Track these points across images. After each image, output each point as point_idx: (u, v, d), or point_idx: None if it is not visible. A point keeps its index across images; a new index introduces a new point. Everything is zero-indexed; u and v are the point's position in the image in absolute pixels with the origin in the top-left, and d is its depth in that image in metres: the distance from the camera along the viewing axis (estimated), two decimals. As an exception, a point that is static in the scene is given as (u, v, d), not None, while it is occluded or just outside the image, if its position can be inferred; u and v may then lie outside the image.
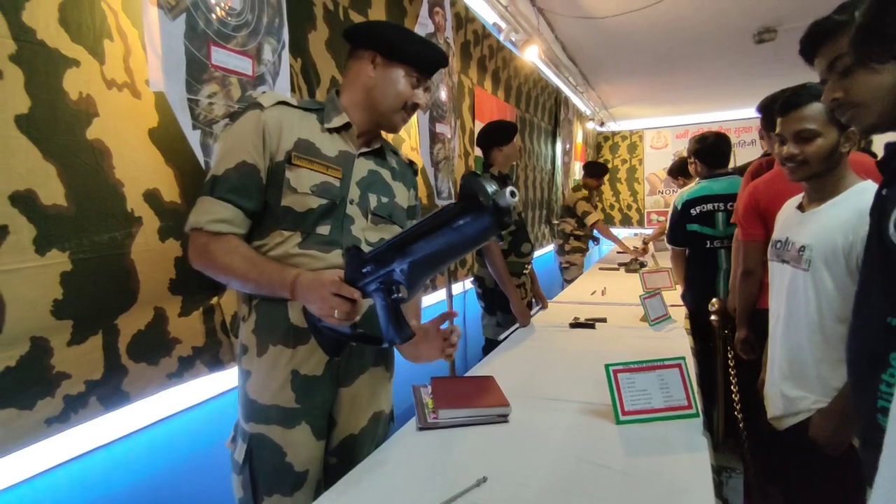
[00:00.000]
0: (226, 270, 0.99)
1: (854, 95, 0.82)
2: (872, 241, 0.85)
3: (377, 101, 1.10)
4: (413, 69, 1.10)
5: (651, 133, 8.54)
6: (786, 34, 4.05)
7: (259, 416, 1.05)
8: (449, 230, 0.79)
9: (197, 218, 1.00)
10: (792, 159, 1.26)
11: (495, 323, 2.41)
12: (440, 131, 2.64)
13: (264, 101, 1.05)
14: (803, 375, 1.24)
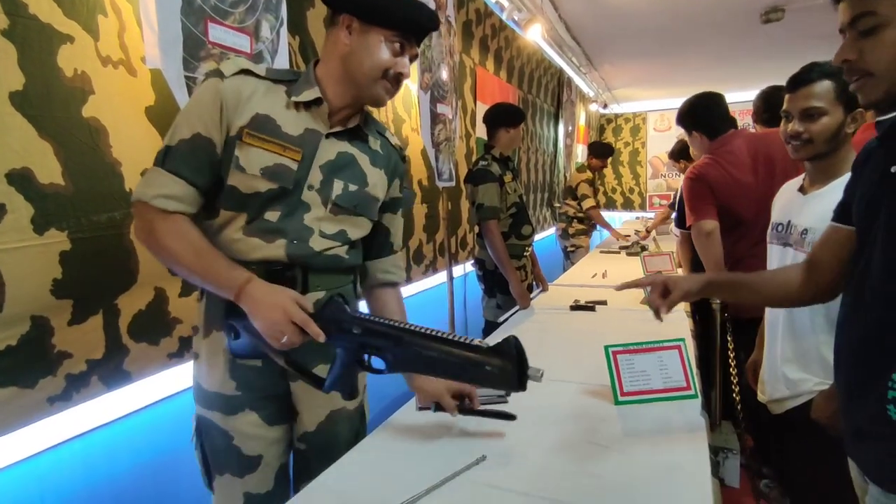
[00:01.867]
0: (170, 255, 0.91)
1: (868, 62, 0.77)
2: (872, 223, 0.83)
3: (352, 70, 0.98)
4: (394, 33, 0.97)
5: (654, 115, 8.45)
6: (793, 14, 3.98)
7: (203, 401, 1.02)
8: (469, 364, 0.82)
9: (143, 190, 0.91)
10: (797, 137, 1.24)
11: (495, 305, 2.42)
12: (441, 112, 2.61)
13: (225, 69, 0.94)
14: (806, 358, 1.24)
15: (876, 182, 0.84)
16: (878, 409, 0.79)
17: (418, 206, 2.62)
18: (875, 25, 0.75)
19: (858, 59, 0.78)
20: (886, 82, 0.77)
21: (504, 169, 2.36)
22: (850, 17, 0.78)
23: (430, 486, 0.88)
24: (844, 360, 0.89)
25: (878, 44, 0.75)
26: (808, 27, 4.31)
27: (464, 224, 3.16)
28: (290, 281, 0.98)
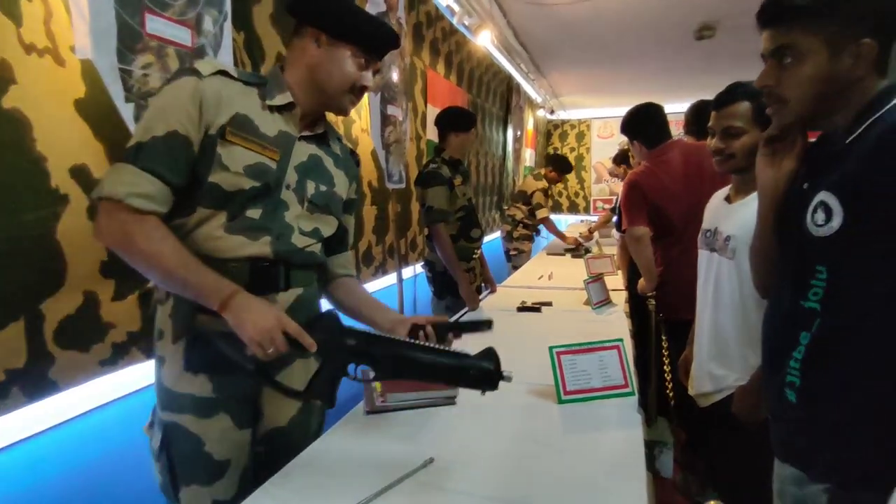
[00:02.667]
0: (149, 260, 0.89)
1: (784, 90, 0.84)
2: (790, 231, 0.92)
3: (322, 81, 1.03)
4: (361, 50, 1.03)
5: (598, 122, 8.78)
6: (724, 32, 4.25)
7: (173, 405, 0.99)
8: (455, 371, 0.90)
9: (115, 188, 0.88)
10: (719, 153, 1.34)
11: (444, 307, 2.44)
12: (392, 113, 2.61)
13: (203, 69, 0.95)
14: (728, 355, 1.34)
15: (794, 193, 0.93)
16: (780, 392, 0.88)
17: (368, 208, 2.60)
18: (794, 58, 0.82)
19: (776, 86, 0.85)
20: (797, 111, 0.85)
21: (454, 172, 2.39)
22: (773, 47, 0.84)
23: (378, 490, 0.88)
24: (765, 343, 0.97)
25: (794, 75, 0.83)
26: (737, 45, 4.63)
27: (413, 226, 3.16)
28: (274, 277, 1.01)
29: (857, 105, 0.82)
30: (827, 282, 0.82)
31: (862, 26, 0.78)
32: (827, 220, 0.80)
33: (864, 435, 0.77)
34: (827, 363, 0.82)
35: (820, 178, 0.84)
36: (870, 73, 0.80)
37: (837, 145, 0.83)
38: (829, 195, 0.80)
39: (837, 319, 0.81)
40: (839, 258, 0.80)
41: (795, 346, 0.85)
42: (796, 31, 0.81)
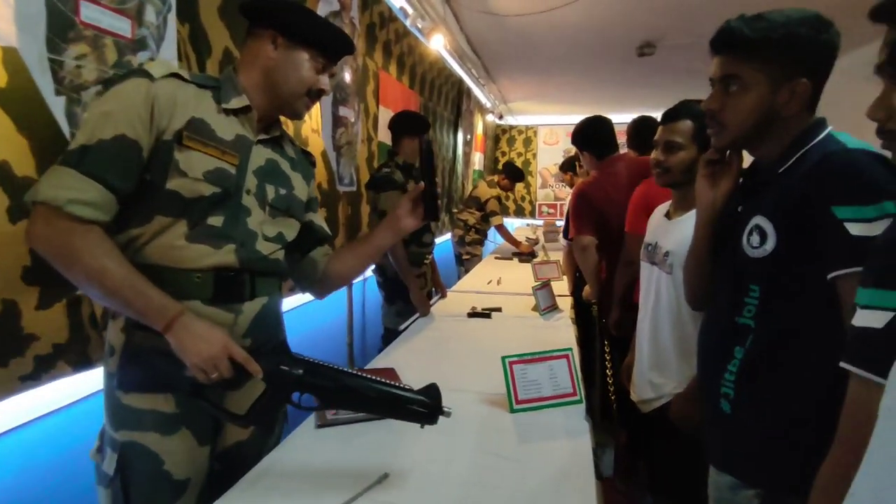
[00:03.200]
0: (92, 275, 0.84)
1: (726, 116, 0.90)
2: (725, 251, 0.98)
3: (278, 84, 1.02)
4: (318, 53, 1.03)
5: (545, 129, 9.02)
6: (664, 50, 4.49)
7: (132, 423, 0.94)
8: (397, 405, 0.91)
9: (55, 193, 0.82)
10: (659, 165, 1.42)
11: (395, 312, 2.42)
12: (343, 114, 2.56)
13: (155, 71, 0.91)
14: (666, 365, 1.41)
15: (729, 215, 0.99)
16: (716, 403, 0.94)
17: (317, 210, 2.53)
18: (739, 88, 0.88)
19: (720, 111, 0.91)
20: (733, 136, 0.91)
21: (407, 177, 2.38)
22: (722, 73, 0.90)
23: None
24: (701, 359, 1.03)
25: (736, 104, 0.89)
26: (675, 63, 4.90)
27: (363, 229, 3.12)
28: (239, 286, 0.99)
29: (788, 137, 0.88)
30: (760, 300, 0.88)
31: (800, 67, 0.85)
32: (762, 243, 0.86)
33: (793, 444, 0.84)
34: (759, 376, 0.88)
35: (754, 203, 0.91)
36: (802, 110, 0.87)
37: (770, 173, 0.90)
38: (763, 219, 0.86)
39: (769, 335, 0.87)
40: (772, 278, 0.86)
41: (730, 360, 0.91)
42: (744, 62, 0.87)
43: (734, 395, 0.91)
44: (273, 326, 1.10)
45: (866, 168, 0.75)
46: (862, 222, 0.73)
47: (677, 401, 1.35)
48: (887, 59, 0.59)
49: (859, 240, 0.73)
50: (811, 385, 0.82)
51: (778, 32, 0.84)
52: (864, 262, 0.72)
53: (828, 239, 0.77)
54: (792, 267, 0.83)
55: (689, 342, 1.35)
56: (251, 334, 1.02)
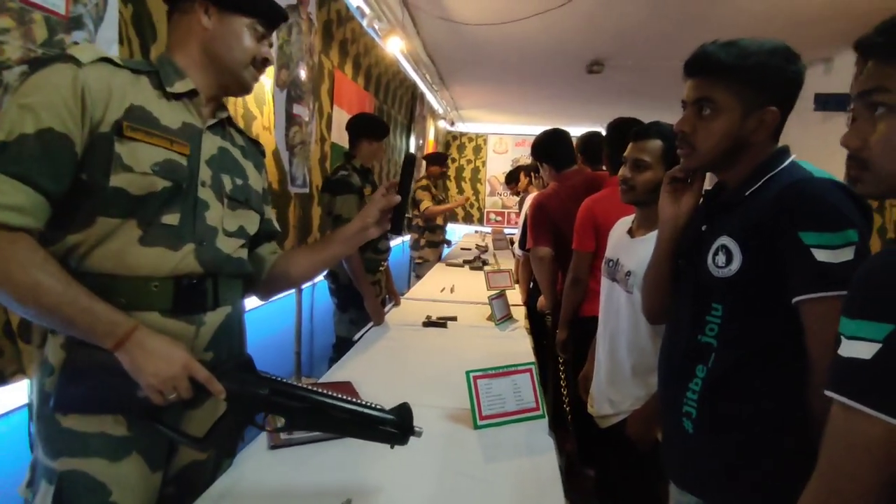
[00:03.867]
0: (25, 292, 0.74)
1: (697, 138, 0.92)
2: (687, 271, 1.01)
3: (220, 57, 0.93)
4: (255, 21, 0.95)
5: (495, 138, 9.16)
6: (611, 69, 4.67)
7: (75, 449, 0.82)
8: (368, 425, 0.87)
9: None
10: (625, 182, 1.44)
11: (348, 320, 2.34)
12: (297, 112, 2.45)
13: (82, 56, 0.81)
14: (624, 382, 1.43)
15: (693, 231, 1.01)
16: (678, 422, 0.95)
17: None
18: (712, 111, 0.89)
19: (692, 133, 0.92)
20: (703, 159, 0.93)
21: (364, 181, 2.31)
22: (696, 96, 0.91)
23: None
24: (662, 377, 1.04)
25: (708, 127, 0.90)
26: (622, 82, 5.11)
27: (314, 232, 3.00)
28: (202, 295, 0.90)
29: (754, 162, 0.91)
30: (723, 318, 0.89)
31: (770, 96, 0.88)
32: (727, 263, 0.87)
33: (755, 465, 0.86)
34: (722, 396, 0.89)
35: (719, 224, 0.93)
36: (768, 138, 0.90)
37: (737, 196, 0.92)
38: (730, 240, 0.88)
39: (732, 354, 0.88)
40: (736, 298, 0.88)
41: (692, 379, 0.92)
42: (719, 87, 0.88)
43: (697, 414, 0.91)
44: (237, 338, 1.01)
45: (833, 197, 0.78)
46: (827, 249, 0.76)
47: (634, 418, 1.37)
48: (872, 89, 0.61)
49: (824, 266, 0.76)
50: (773, 406, 0.84)
51: (751, 60, 0.86)
52: (834, 286, 0.75)
53: (794, 263, 0.79)
54: (756, 288, 0.85)
55: (646, 361, 1.38)
56: (213, 347, 0.93)
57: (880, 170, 0.61)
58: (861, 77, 0.63)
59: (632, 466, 1.41)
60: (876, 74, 0.61)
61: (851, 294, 0.57)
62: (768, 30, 3.44)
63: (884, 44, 0.60)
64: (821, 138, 3.73)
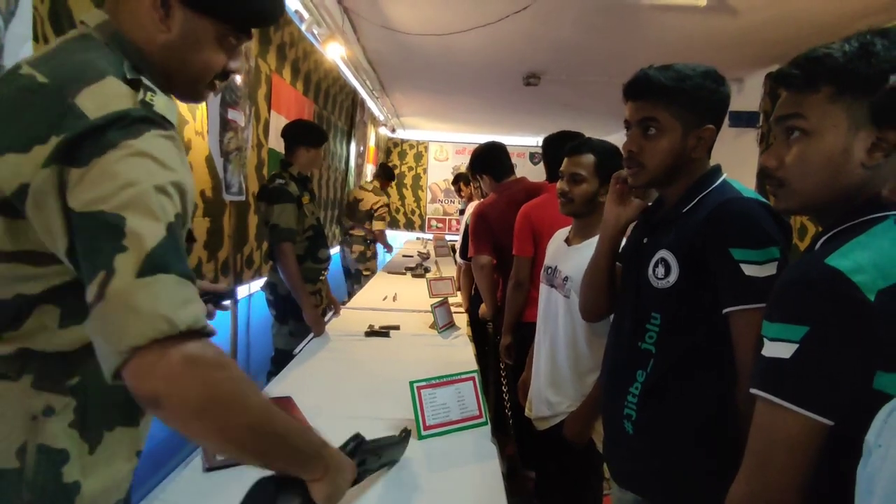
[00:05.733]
0: (260, 413, 0.59)
1: (645, 157, 0.98)
2: (628, 279, 1.07)
3: (174, 67, 0.71)
4: (230, 29, 0.72)
5: (435, 145, 9.23)
6: (547, 83, 4.85)
7: None
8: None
9: (168, 313, 0.53)
10: (563, 195, 1.51)
11: (288, 332, 2.27)
12: (233, 118, 2.37)
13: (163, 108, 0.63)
14: (562, 384, 1.49)
15: (634, 242, 1.07)
16: (619, 424, 1.00)
17: (200, 220, 2.30)
18: (657, 131, 0.96)
19: (638, 152, 0.98)
20: (651, 175, 0.99)
21: (302, 189, 2.26)
22: (640, 117, 0.97)
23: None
24: (605, 381, 1.10)
25: (655, 146, 0.96)
26: (557, 95, 5.32)
27: (251, 241, 2.90)
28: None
29: (689, 180, 0.99)
30: (661, 327, 0.96)
31: (707, 115, 0.96)
32: (666, 275, 0.94)
33: (691, 464, 0.92)
34: (660, 399, 0.95)
35: (658, 237, 0.99)
36: (704, 154, 0.98)
37: (674, 212, 0.99)
38: (668, 253, 0.94)
39: (669, 361, 0.95)
40: (673, 307, 0.94)
41: (632, 383, 0.98)
42: (660, 108, 0.95)
43: (636, 416, 0.97)
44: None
45: (759, 216, 0.86)
46: (754, 264, 0.83)
47: (571, 419, 1.43)
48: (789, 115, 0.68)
49: (751, 279, 0.83)
50: (705, 409, 0.91)
51: (688, 83, 0.94)
52: (760, 299, 0.81)
53: (724, 277, 0.86)
54: (691, 299, 0.92)
55: (583, 362, 1.45)
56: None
57: (795, 187, 0.69)
58: (779, 104, 0.71)
59: (570, 467, 1.47)
60: (792, 103, 0.69)
61: (771, 300, 0.63)
62: (690, 48, 3.72)
63: (798, 76, 0.67)
64: (735, 152, 4.10)
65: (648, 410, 0.96)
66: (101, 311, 0.53)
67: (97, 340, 0.55)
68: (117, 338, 0.52)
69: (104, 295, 0.52)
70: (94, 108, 0.57)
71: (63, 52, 0.65)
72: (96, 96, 0.58)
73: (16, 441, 0.61)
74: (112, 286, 0.52)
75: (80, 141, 0.56)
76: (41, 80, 0.59)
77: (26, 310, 0.61)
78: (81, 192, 0.55)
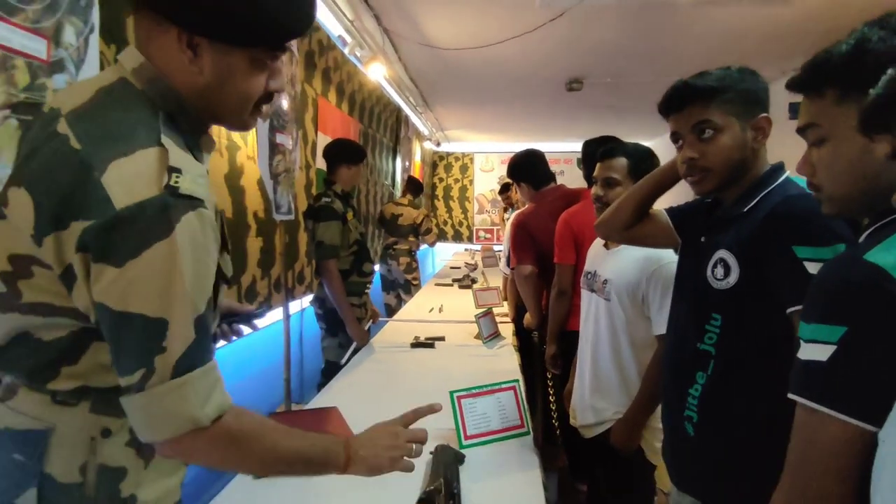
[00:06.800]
0: (264, 459, 0.70)
1: (709, 160, 0.95)
2: (686, 280, 1.04)
3: (213, 105, 0.69)
4: (264, 50, 0.68)
5: (481, 157, 9.27)
6: (590, 87, 4.78)
7: None
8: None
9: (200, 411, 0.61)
10: (598, 199, 1.49)
11: (337, 344, 2.35)
12: (281, 142, 2.49)
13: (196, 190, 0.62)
14: (607, 390, 1.46)
15: (692, 242, 1.05)
16: (679, 425, 0.98)
17: (253, 239, 2.43)
18: (715, 131, 0.93)
19: (700, 157, 0.96)
20: (719, 178, 0.96)
21: (346, 206, 2.34)
22: (689, 125, 0.96)
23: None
24: (665, 382, 1.07)
25: (716, 146, 0.94)
26: (600, 98, 5.23)
27: (301, 258, 3.02)
28: None
29: (750, 179, 0.95)
30: (721, 328, 0.93)
31: (758, 105, 0.94)
32: (725, 276, 0.91)
33: (752, 466, 0.88)
34: (721, 401, 0.93)
35: (716, 237, 0.97)
36: (765, 145, 0.95)
37: (733, 212, 0.96)
38: (727, 254, 0.92)
39: (730, 362, 0.92)
40: (733, 308, 0.91)
41: (692, 384, 0.96)
42: (711, 109, 0.93)
43: (697, 418, 0.95)
44: None
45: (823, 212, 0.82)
46: (818, 262, 0.79)
47: (618, 426, 1.40)
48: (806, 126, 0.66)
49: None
50: (767, 411, 0.87)
51: (729, 80, 0.93)
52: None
53: (788, 276, 0.83)
54: (752, 299, 0.89)
55: (627, 368, 1.41)
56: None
57: (827, 193, 0.67)
58: (800, 113, 0.68)
59: (619, 477, 1.43)
60: (805, 111, 0.67)
61: (808, 300, 0.60)
62: (741, 41, 3.56)
63: (808, 81, 0.65)
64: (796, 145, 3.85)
65: (709, 412, 0.94)
66: (139, 401, 0.61)
67: (133, 417, 0.63)
68: (153, 429, 0.62)
69: (143, 389, 0.60)
70: (121, 193, 0.57)
71: (100, 107, 0.64)
72: (123, 177, 0.58)
73: (78, 459, 0.67)
74: (151, 383, 0.60)
75: (110, 233, 0.57)
76: (74, 146, 0.60)
77: (82, 346, 0.66)
78: (120, 293, 0.58)
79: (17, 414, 0.66)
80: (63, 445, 0.66)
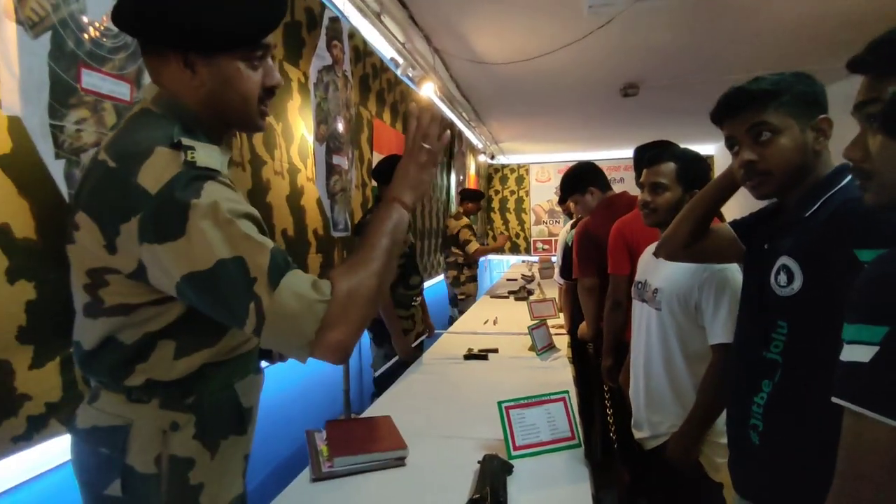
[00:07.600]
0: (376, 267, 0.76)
1: (768, 162, 0.93)
2: (750, 287, 1.01)
3: (221, 110, 0.80)
4: (249, 49, 0.78)
5: (536, 167, 9.20)
6: (646, 91, 4.65)
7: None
8: None
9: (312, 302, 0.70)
10: (645, 206, 1.46)
11: (384, 355, 2.40)
12: (337, 163, 2.62)
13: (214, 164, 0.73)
14: (662, 403, 1.41)
15: (755, 249, 1.03)
16: (745, 434, 0.95)
17: (313, 256, 2.56)
18: (772, 133, 0.92)
19: (759, 160, 0.93)
20: (779, 180, 0.93)
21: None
22: (745, 128, 0.94)
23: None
24: (731, 390, 1.05)
25: (775, 148, 0.92)
26: (657, 102, 5.07)
27: (359, 272, 3.13)
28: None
29: (812, 182, 0.92)
30: (787, 336, 0.90)
31: (815, 107, 0.91)
32: (789, 282, 0.89)
33: (820, 475, 0.84)
34: (787, 409, 0.89)
35: (779, 243, 0.94)
36: (826, 148, 0.92)
37: (795, 216, 0.93)
38: (790, 260, 0.89)
39: (796, 370, 0.89)
40: (799, 315, 0.88)
41: (758, 393, 0.93)
42: (768, 111, 0.91)
43: (763, 427, 0.93)
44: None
45: (887, 214, 0.78)
46: None
47: (673, 440, 1.34)
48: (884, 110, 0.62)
49: None
50: (834, 418, 0.83)
51: (784, 83, 0.91)
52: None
53: (852, 280, 0.79)
54: (818, 305, 0.86)
55: (681, 380, 1.36)
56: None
57: (884, 179, 0.62)
58: (859, 90, 0.65)
59: (678, 494, 1.37)
60: (870, 88, 0.64)
61: (851, 300, 0.58)
62: (803, 34, 3.35)
63: (874, 61, 0.63)
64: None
65: (775, 420, 0.91)
66: (270, 329, 0.68)
67: (280, 347, 0.72)
68: (296, 339, 0.70)
69: (264, 316, 0.68)
70: (154, 183, 0.68)
71: (126, 132, 0.77)
72: (152, 170, 0.69)
73: (153, 450, 0.77)
74: (265, 308, 0.68)
75: (158, 215, 0.68)
76: (111, 166, 0.72)
77: (151, 345, 0.77)
78: (199, 255, 0.68)
79: (102, 413, 0.78)
80: (140, 439, 0.76)
